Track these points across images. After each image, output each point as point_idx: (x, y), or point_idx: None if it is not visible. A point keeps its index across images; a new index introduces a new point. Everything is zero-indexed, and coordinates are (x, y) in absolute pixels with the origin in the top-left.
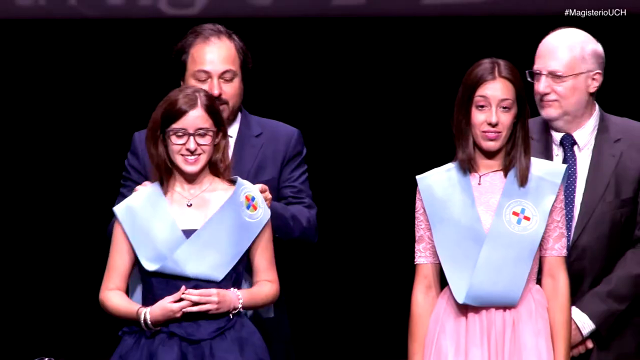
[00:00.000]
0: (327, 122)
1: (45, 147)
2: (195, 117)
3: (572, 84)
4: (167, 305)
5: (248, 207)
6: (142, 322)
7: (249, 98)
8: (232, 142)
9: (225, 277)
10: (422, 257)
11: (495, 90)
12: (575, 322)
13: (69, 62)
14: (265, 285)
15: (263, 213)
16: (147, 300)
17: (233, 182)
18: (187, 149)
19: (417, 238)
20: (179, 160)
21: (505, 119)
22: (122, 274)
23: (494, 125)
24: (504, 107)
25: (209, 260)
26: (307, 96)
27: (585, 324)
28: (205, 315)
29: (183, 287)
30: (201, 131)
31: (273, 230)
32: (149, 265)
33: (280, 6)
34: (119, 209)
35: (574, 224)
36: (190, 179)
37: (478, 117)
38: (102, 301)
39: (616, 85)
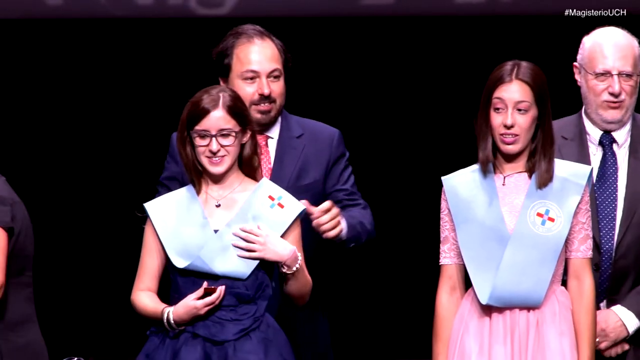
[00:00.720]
0: (353, 121)
1: (80, 146)
2: (217, 118)
3: (634, 84)
4: (190, 302)
5: (272, 206)
6: (165, 321)
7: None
8: (273, 143)
9: (251, 275)
10: (446, 257)
11: (511, 92)
12: (621, 320)
13: (98, 61)
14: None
15: (290, 212)
16: (174, 300)
17: None
18: (210, 151)
19: (442, 239)
20: (204, 162)
21: (523, 121)
22: (153, 275)
23: (510, 128)
24: (521, 110)
25: (233, 258)
26: (331, 96)
27: (631, 321)
28: (229, 313)
29: (205, 283)
30: (224, 132)
31: (347, 240)
32: (179, 262)
33: (309, 5)
34: (149, 205)
35: (617, 222)
36: (218, 179)
37: (496, 119)
38: (132, 302)
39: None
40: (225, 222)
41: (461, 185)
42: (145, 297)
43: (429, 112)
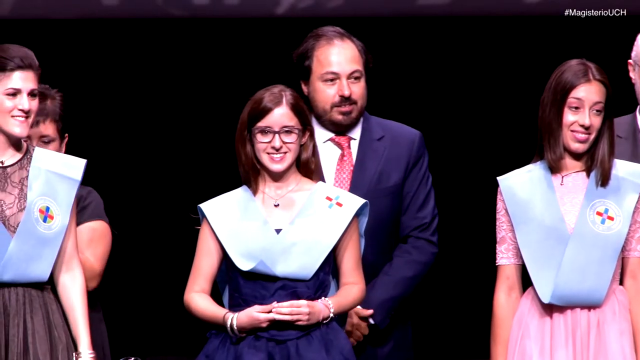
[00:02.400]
0: (409, 122)
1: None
2: (281, 115)
3: None
4: (254, 314)
5: (331, 207)
6: (228, 327)
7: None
8: (355, 145)
9: (312, 277)
10: (504, 258)
11: (590, 93)
12: None
13: (155, 61)
14: (352, 288)
15: (349, 209)
16: (234, 299)
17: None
18: (273, 147)
19: (498, 239)
20: (265, 159)
21: (597, 121)
22: (208, 276)
23: (587, 128)
24: (597, 110)
25: (295, 259)
26: (386, 95)
27: None
28: (291, 325)
29: (274, 303)
30: (286, 129)
31: (382, 321)
32: (244, 265)
33: (366, 5)
34: (205, 206)
35: None
36: (277, 178)
37: (570, 118)
38: (187, 303)
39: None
40: (286, 221)
41: (518, 185)
42: (202, 299)
43: (484, 112)
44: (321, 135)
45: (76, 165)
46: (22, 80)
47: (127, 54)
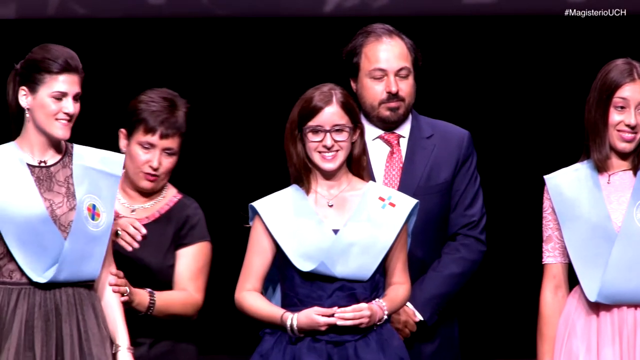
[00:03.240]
0: (455, 120)
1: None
2: (332, 114)
3: None
4: (314, 316)
5: (384, 207)
6: (287, 327)
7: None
8: (404, 143)
9: (369, 278)
10: (550, 256)
11: (635, 92)
12: None
13: (200, 60)
14: (400, 288)
15: (403, 209)
16: (288, 298)
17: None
18: (324, 146)
19: (545, 238)
20: (316, 158)
21: None
22: (260, 275)
23: (633, 127)
24: None
25: (354, 260)
26: (432, 95)
27: None
28: (348, 327)
29: (336, 308)
30: (337, 127)
31: (430, 318)
32: (304, 265)
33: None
34: (259, 205)
35: None
36: (329, 177)
37: (615, 118)
38: (238, 302)
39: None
40: (342, 222)
41: (565, 184)
42: (255, 298)
43: (532, 111)
44: (370, 132)
45: (116, 161)
46: (68, 83)
47: (172, 53)
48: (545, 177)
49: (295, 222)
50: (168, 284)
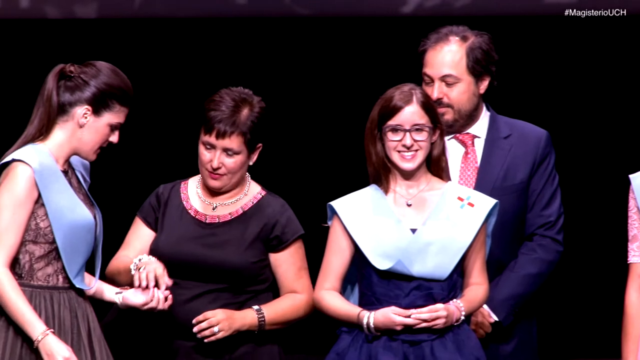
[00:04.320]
0: (536, 120)
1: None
2: (412, 113)
3: None
4: (391, 315)
5: (462, 207)
6: (364, 325)
7: None
8: (480, 143)
9: (447, 278)
10: (636, 256)
11: None
12: None
13: (282, 59)
14: (478, 289)
15: (481, 209)
16: (366, 297)
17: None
18: (404, 145)
19: (630, 237)
20: (395, 158)
21: None
22: (338, 275)
23: None
24: None
25: (432, 260)
26: (514, 94)
27: None
28: (424, 328)
29: (412, 310)
30: (417, 127)
31: (505, 319)
32: (381, 264)
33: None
34: (337, 204)
35: None
36: (408, 176)
37: None
38: (317, 301)
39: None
40: (420, 221)
41: None
42: (333, 297)
43: (614, 110)
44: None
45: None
46: (125, 116)
47: (254, 52)
48: (630, 176)
49: (373, 221)
50: (253, 279)
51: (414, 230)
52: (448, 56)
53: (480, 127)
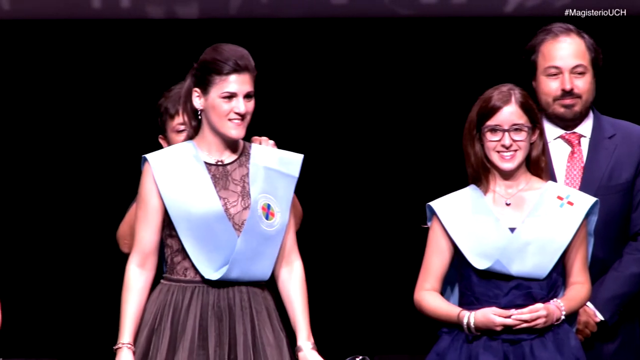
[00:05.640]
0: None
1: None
2: (510, 113)
3: None
4: (491, 316)
5: (562, 206)
6: (464, 326)
7: None
8: (586, 142)
9: (546, 277)
10: None
11: None
12: None
13: (382, 60)
14: (580, 288)
15: (581, 208)
16: (465, 297)
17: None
18: (503, 145)
19: None
20: (494, 158)
21: None
22: (438, 275)
23: None
24: None
25: (531, 259)
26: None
27: None
28: (524, 328)
29: (513, 311)
30: (516, 127)
31: (611, 318)
32: (480, 264)
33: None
34: (436, 204)
35: None
36: (507, 176)
37: None
38: (417, 301)
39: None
40: (518, 220)
41: None
42: (434, 297)
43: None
44: (551, 132)
45: (293, 161)
46: (238, 83)
47: (353, 53)
48: None
49: (472, 221)
50: None
51: (512, 230)
52: (576, 47)
53: (587, 126)
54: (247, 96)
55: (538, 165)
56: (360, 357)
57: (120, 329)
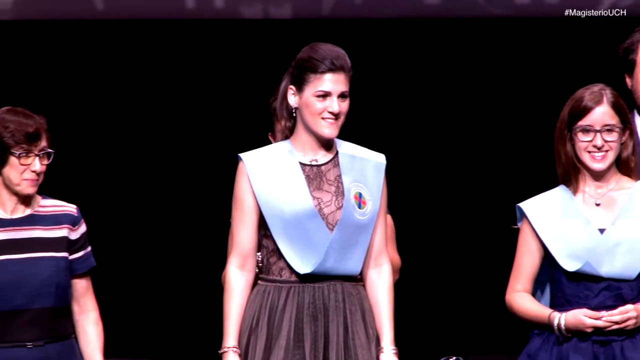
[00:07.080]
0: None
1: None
2: (602, 113)
3: None
4: (581, 317)
5: None
6: (555, 327)
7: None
8: None
9: (636, 277)
10: None
11: None
12: None
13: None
14: None
15: None
16: (556, 299)
17: None
18: (594, 146)
19: None
20: (585, 158)
21: None
22: (529, 276)
23: None
24: None
25: (620, 259)
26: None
27: None
28: (614, 330)
29: (603, 312)
30: (607, 127)
31: None
32: (569, 265)
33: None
34: (526, 206)
35: None
36: (598, 177)
37: None
38: (508, 302)
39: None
40: (608, 221)
41: None
42: (524, 299)
43: None
44: None
45: (378, 154)
46: (333, 82)
47: (445, 53)
48: None
49: (562, 223)
50: None
51: (602, 231)
52: None
53: None
54: (341, 96)
55: (628, 165)
56: (455, 358)
57: (224, 332)
